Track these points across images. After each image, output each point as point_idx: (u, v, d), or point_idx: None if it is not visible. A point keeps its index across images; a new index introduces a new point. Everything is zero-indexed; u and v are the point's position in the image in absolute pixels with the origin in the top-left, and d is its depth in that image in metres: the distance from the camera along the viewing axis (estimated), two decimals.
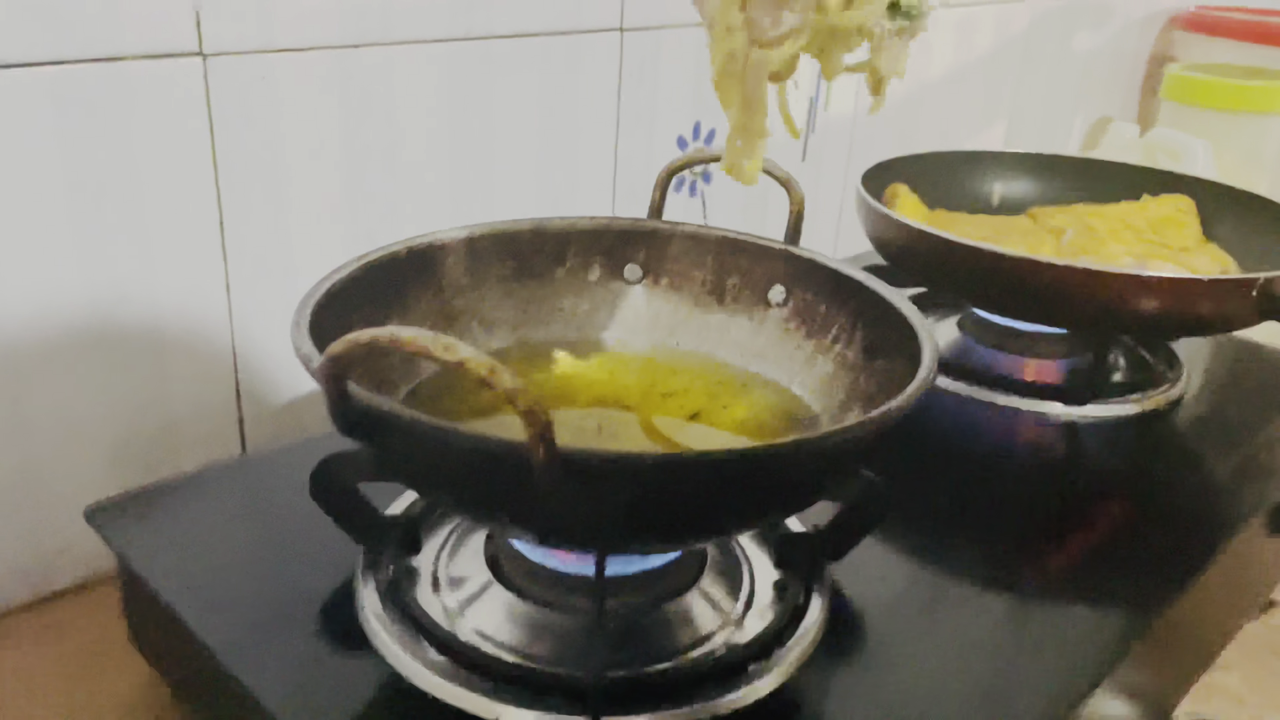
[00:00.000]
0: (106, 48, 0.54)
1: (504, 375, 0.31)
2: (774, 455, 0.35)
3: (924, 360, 0.42)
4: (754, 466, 0.35)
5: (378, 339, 0.32)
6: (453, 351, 0.31)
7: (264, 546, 0.53)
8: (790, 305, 0.56)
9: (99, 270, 0.57)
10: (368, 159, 0.66)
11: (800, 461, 0.36)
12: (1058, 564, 0.57)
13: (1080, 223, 0.83)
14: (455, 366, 0.31)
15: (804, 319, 0.55)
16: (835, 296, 0.53)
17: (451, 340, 0.31)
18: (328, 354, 0.33)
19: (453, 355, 0.31)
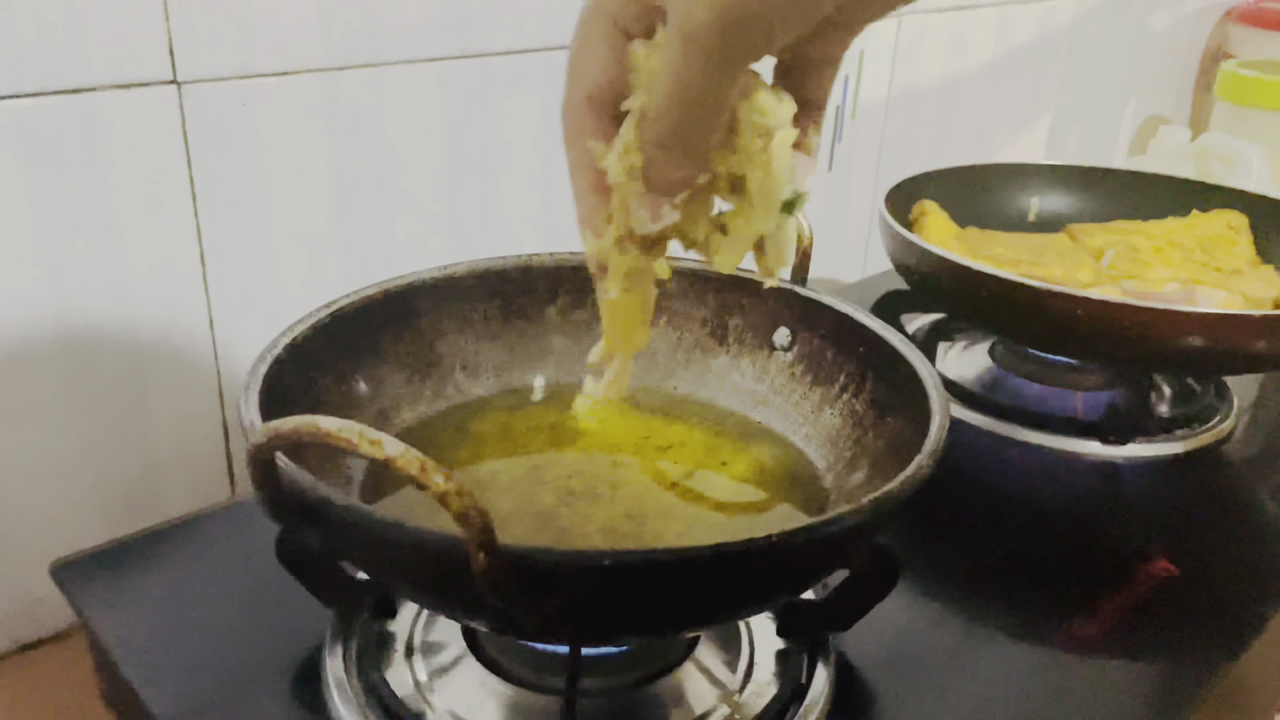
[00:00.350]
0: (73, 78, 0.51)
1: (435, 475, 0.27)
2: (746, 553, 0.31)
3: (930, 434, 0.38)
4: (727, 563, 0.31)
5: (300, 430, 0.28)
6: (379, 448, 0.27)
7: (239, 605, 0.50)
8: (796, 349, 0.51)
9: (74, 309, 0.54)
10: (358, 186, 0.63)
11: (780, 556, 0.32)
12: (1095, 624, 0.52)
13: (1123, 241, 0.77)
14: (384, 464, 0.27)
15: (810, 364, 0.51)
16: (844, 342, 0.49)
17: (379, 435, 0.28)
18: (250, 444, 0.30)
19: (379, 452, 0.27)
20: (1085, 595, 0.53)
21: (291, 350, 0.43)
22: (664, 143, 0.30)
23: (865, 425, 0.47)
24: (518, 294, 0.53)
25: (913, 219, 0.79)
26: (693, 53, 0.28)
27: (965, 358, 0.76)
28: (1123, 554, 0.57)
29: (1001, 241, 0.78)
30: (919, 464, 0.36)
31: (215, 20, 0.55)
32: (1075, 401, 0.70)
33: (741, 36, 0.27)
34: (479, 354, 0.52)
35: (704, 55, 0.28)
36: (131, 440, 0.59)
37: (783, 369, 0.52)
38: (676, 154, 0.31)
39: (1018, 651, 0.50)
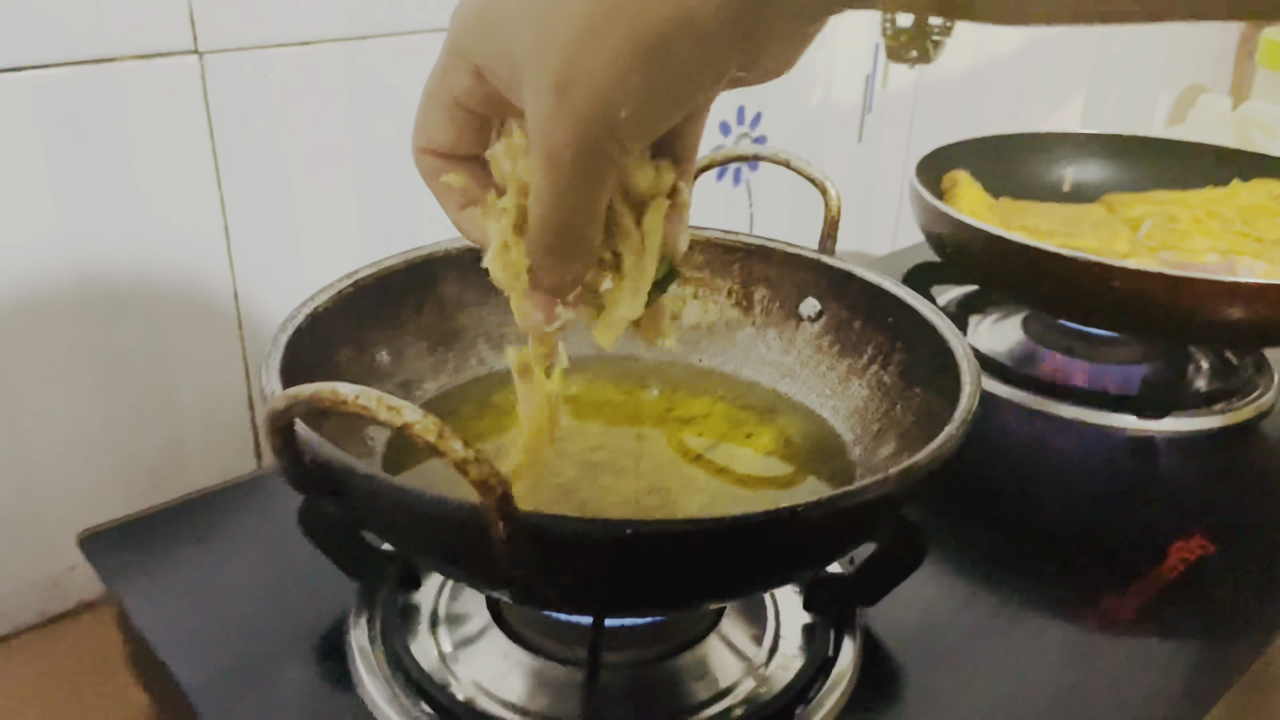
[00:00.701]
0: (95, 49, 0.51)
1: (452, 442, 0.27)
2: (768, 524, 0.30)
3: (960, 404, 0.37)
4: (749, 535, 0.30)
5: (319, 396, 0.28)
6: (397, 414, 0.27)
7: (264, 576, 0.50)
8: (823, 320, 0.50)
9: (96, 283, 0.54)
10: (380, 156, 0.63)
11: (799, 527, 0.31)
12: (1128, 602, 0.51)
13: (1161, 212, 0.75)
14: (401, 431, 0.27)
15: (838, 336, 0.50)
16: (872, 313, 0.48)
17: (398, 402, 0.27)
18: (268, 410, 0.30)
19: (397, 419, 0.27)
20: (1118, 573, 0.52)
21: (313, 320, 0.42)
22: (550, 250, 0.31)
23: (893, 397, 0.46)
24: None
25: (944, 189, 0.77)
26: (560, 171, 0.28)
27: (997, 331, 0.75)
28: (1158, 531, 0.56)
29: (1035, 212, 0.76)
30: (948, 435, 0.35)
31: None
32: (1110, 375, 0.69)
33: (605, 149, 0.28)
34: (501, 325, 0.52)
35: (571, 172, 0.28)
36: (156, 413, 0.59)
37: (809, 340, 0.51)
38: (563, 259, 0.31)
39: (1049, 629, 0.49)
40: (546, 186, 0.29)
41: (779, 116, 0.86)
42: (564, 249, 0.31)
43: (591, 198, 0.29)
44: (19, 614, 0.57)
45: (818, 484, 0.45)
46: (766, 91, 0.84)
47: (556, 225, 0.30)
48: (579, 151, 0.27)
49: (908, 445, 0.43)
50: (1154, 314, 0.57)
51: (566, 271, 0.31)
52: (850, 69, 0.90)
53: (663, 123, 0.28)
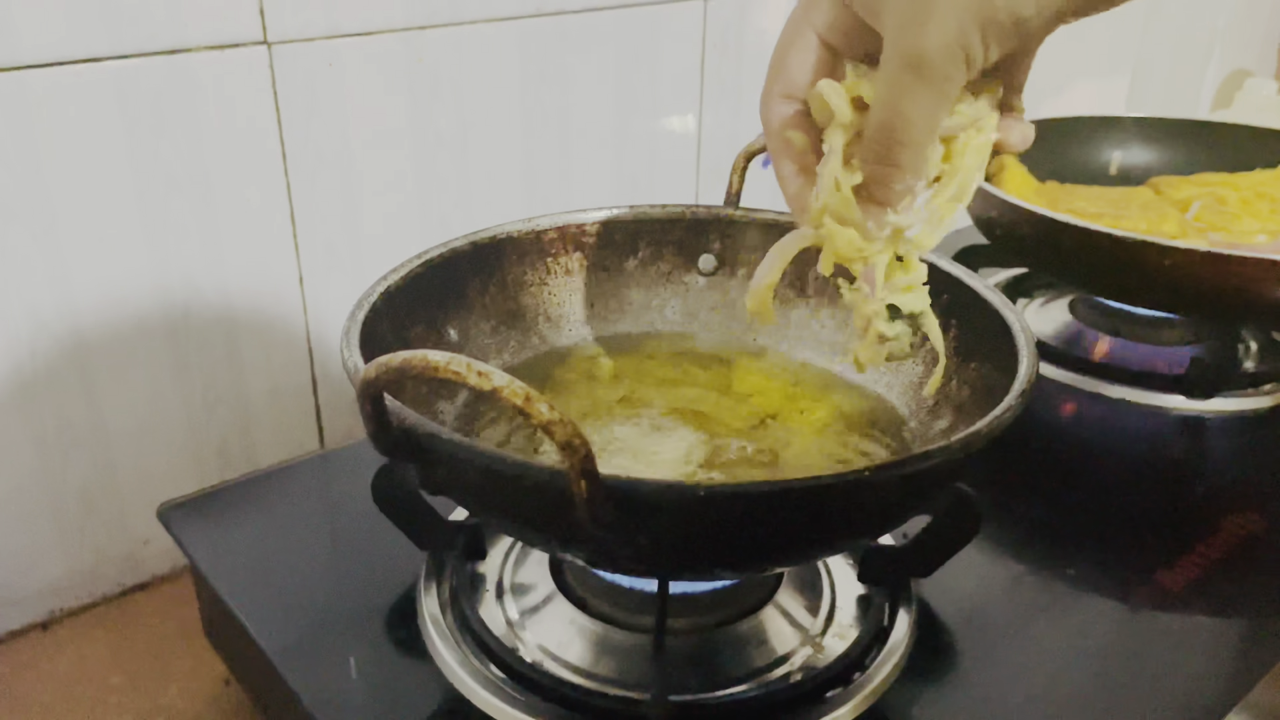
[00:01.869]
0: (170, 40, 0.53)
1: (539, 405, 0.28)
2: (835, 487, 0.31)
3: (1020, 373, 0.38)
4: (816, 497, 0.32)
5: (410, 363, 0.30)
6: (486, 379, 0.28)
7: (334, 547, 0.52)
8: None
9: (170, 264, 0.57)
10: (439, 143, 0.64)
11: (866, 492, 0.32)
12: (1179, 579, 0.52)
13: (1209, 194, 0.75)
14: (490, 394, 0.28)
15: None
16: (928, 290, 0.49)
17: (486, 367, 0.29)
18: (361, 378, 0.31)
19: (487, 383, 0.28)
20: (1169, 550, 0.53)
21: (387, 298, 0.44)
22: (886, 157, 0.33)
23: (948, 373, 0.47)
24: (598, 247, 0.54)
25: (990, 174, 0.78)
26: (916, 75, 0.30)
27: (1045, 314, 0.75)
28: (1207, 509, 0.56)
29: (1082, 195, 0.77)
30: (1008, 404, 0.36)
31: None
32: (1158, 356, 0.69)
33: (960, 61, 0.30)
34: (561, 305, 0.53)
35: (925, 79, 0.30)
36: (227, 395, 0.61)
37: None
38: (898, 167, 0.33)
39: (1100, 604, 0.49)
40: (898, 92, 0.31)
41: None
42: (901, 156, 0.32)
43: (936, 105, 0.31)
44: (100, 585, 0.60)
45: (875, 454, 0.46)
46: None
47: (899, 131, 0.32)
48: (937, 58, 0.29)
49: (964, 418, 0.44)
50: (1204, 294, 0.58)
51: (899, 180, 0.33)
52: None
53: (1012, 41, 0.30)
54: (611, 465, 0.44)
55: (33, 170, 0.50)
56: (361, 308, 0.42)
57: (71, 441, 0.56)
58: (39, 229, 0.52)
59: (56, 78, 0.50)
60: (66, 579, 0.58)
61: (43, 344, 0.53)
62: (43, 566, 0.57)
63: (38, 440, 0.55)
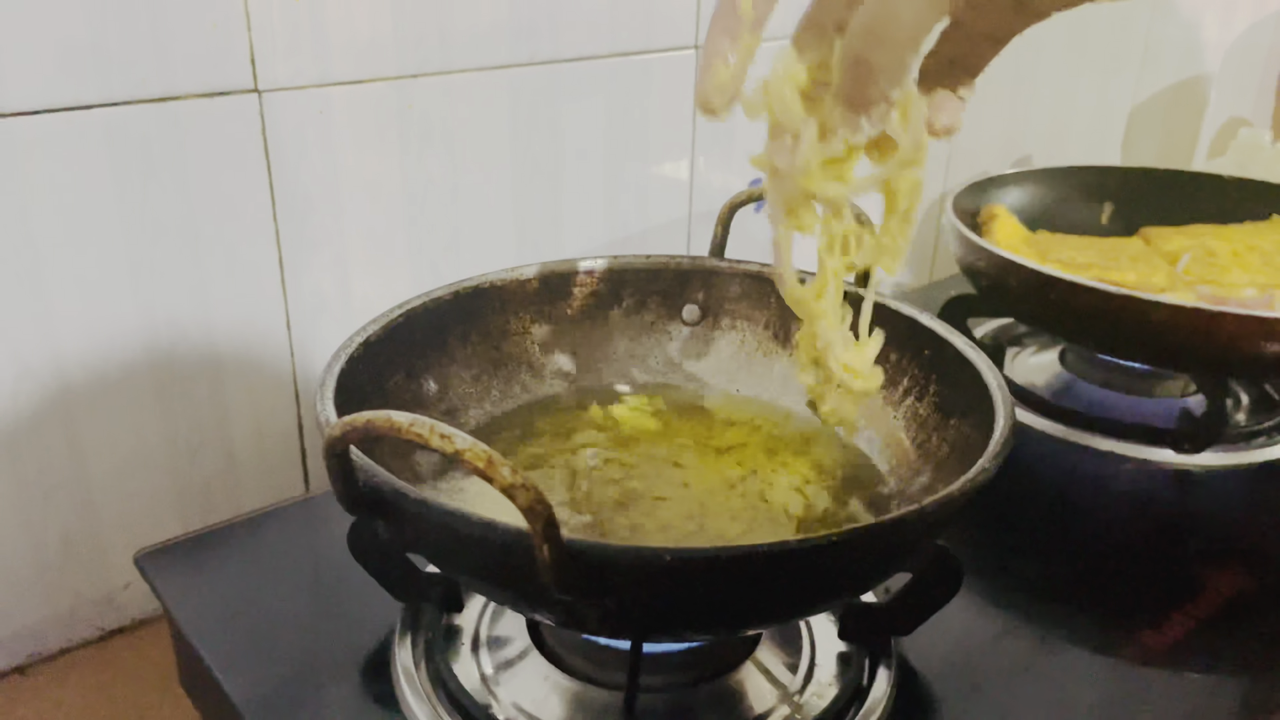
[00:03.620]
0: (160, 88, 0.54)
1: (501, 469, 0.28)
2: (805, 552, 0.31)
3: (995, 435, 0.38)
4: (787, 562, 0.31)
5: (374, 423, 0.29)
6: (449, 442, 0.28)
7: (312, 595, 0.52)
8: None
9: (156, 308, 0.57)
10: (429, 190, 0.65)
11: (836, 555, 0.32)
12: (1167, 636, 0.51)
13: (1199, 245, 0.75)
14: (452, 457, 0.28)
15: None
16: (908, 345, 0.49)
17: (450, 430, 0.28)
18: (326, 437, 0.31)
19: (449, 446, 0.28)
20: (1157, 606, 0.52)
21: (365, 348, 0.44)
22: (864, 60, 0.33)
23: (929, 429, 0.47)
24: (582, 296, 0.54)
25: (981, 222, 0.78)
26: None
27: (1034, 363, 0.75)
28: (1195, 566, 0.56)
29: (1072, 245, 0.77)
30: (981, 467, 0.36)
31: (295, 30, 0.57)
32: (1148, 408, 0.69)
33: None
34: (544, 355, 0.53)
35: None
36: (211, 438, 0.61)
37: None
38: (875, 70, 0.33)
39: (1086, 661, 0.49)
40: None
41: None
42: (880, 57, 0.32)
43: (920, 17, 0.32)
44: (78, 630, 0.59)
45: (853, 513, 0.46)
46: None
47: (886, 29, 0.32)
48: None
49: (943, 476, 0.43)
50: (1192, 349, 0.58)
51: (874, 84, 0.33)
52: None
53: None
54: (585, 522, 0.44)
55: (18, 215, 0.51)
56: (338, 359, 0.42)
57: (53, 484, 0.56)
58: (24, 273, 0.52)
59: (45, 124, 0.50)
60: (44, 623, 0.58)
61: (26, 387, 0.53)
62: (21, 610, 0.57)
63: (19, 483, 0.55)
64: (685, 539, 0.43)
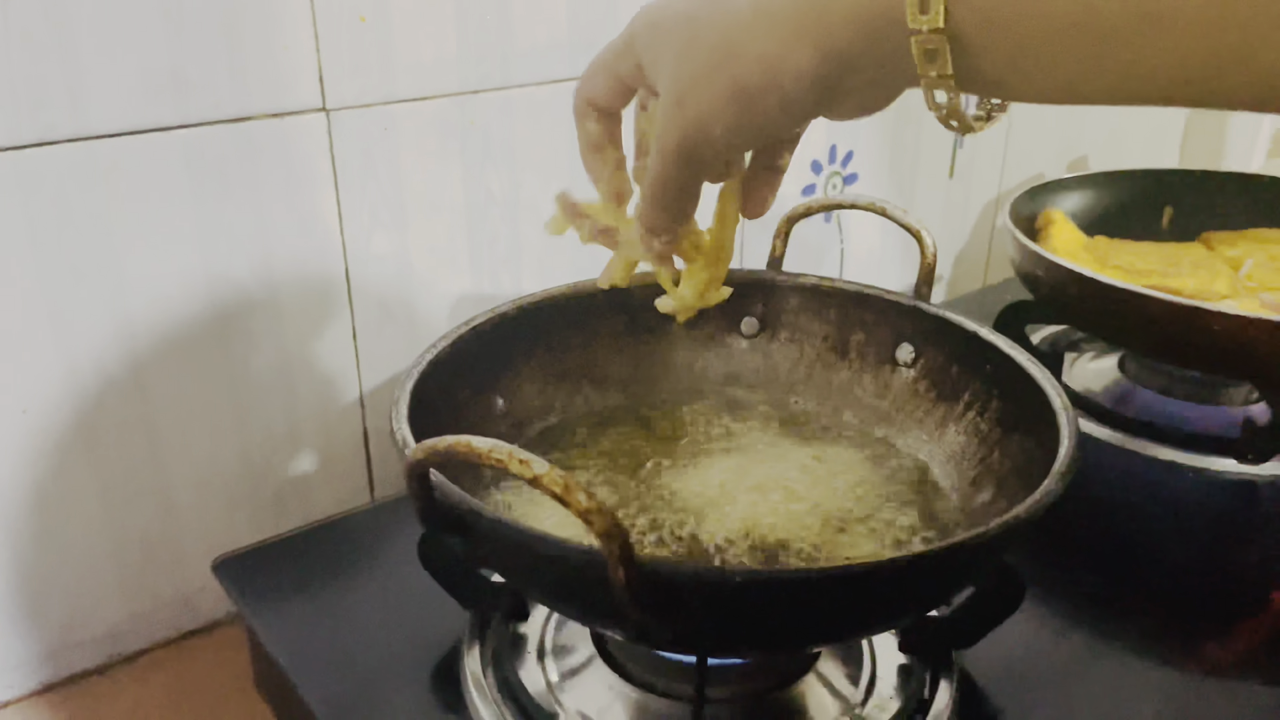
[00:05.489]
0: (234, 109, 0.55)
1: (578, 494, 0.29)
2: (873, 574, 0.32)
3: (1060, 455, 0.38)
4: (854, 584, 0.32)
5: (455, 448, 0.31)
6: (528, 467, 0.29)
7: (381, 602, 0.54)
8: (920, 365, 0.52)
9: (232, 323, 0.59)
10: (490, 203, 0.66)
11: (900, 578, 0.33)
12: (1228, 648, 0.51)
13: (1262, 250, 0.74)
14: (530, 482, 0.29)
15: (934, 381, 0.51)
16: (968, 359, 0.49)
17: (528, 455, 0.29)
18: (408, 460, 0.32)
19: (527, 471, 0.29)
20: (1219, 619, 0.52)
21: (434, 366, 0.45)
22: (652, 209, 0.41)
23: (990, 444, 0.47)
24: (642, 310, 0.55)
25: (1038, 228, 0.78)
26: (667, 160, 0.38)
27: (1093, 369, 0.75)
28: (1259, 577, 0.56)
29: (1132, 251, 0.76)
30: (1047, 489, 0.36)
31: (361, 50, 0.58)
32: (1210, 416, 0.68)
33: (700, 153, 0.37)
34: (606, 367, 0.54)
35: (675, 163, 0.38)
36: (283, 447, 0.63)
37: (905, 385, 0.52)
38: (663, 216, 0.41)
39: (1146, 673, 0.49)
40: (657, 168, 0.39)
41: (870, 154, 0.87)
42: (664, 209, 0.41)
43: (687, 182, 0.39)
44: (156, 630, 0.61)
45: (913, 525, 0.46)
46: (858, 130, 0.86)
47: (659, 195, 0.40)
48: (681, 150, 0.37)
49: (1005, 493, 0.44)
50: (1255, 359, 0.57)
51: (662, 222, 0.41)
52: None
53: (747, 145, 0.39)
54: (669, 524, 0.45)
55: (103, 232, 0.53)
56: (410, 377, 0.43)
57: (135, 490, 0.58)
58: (107, 289, 0.54)
59: (126, 146, 0.52)
60: (126, 623, 0.60)
61: (110, 399, 0.56)
62: (103, 610, 0.59)
63: (103, 488, 0.57)
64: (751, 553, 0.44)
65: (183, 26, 0.52)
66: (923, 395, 0.51)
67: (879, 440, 0.52)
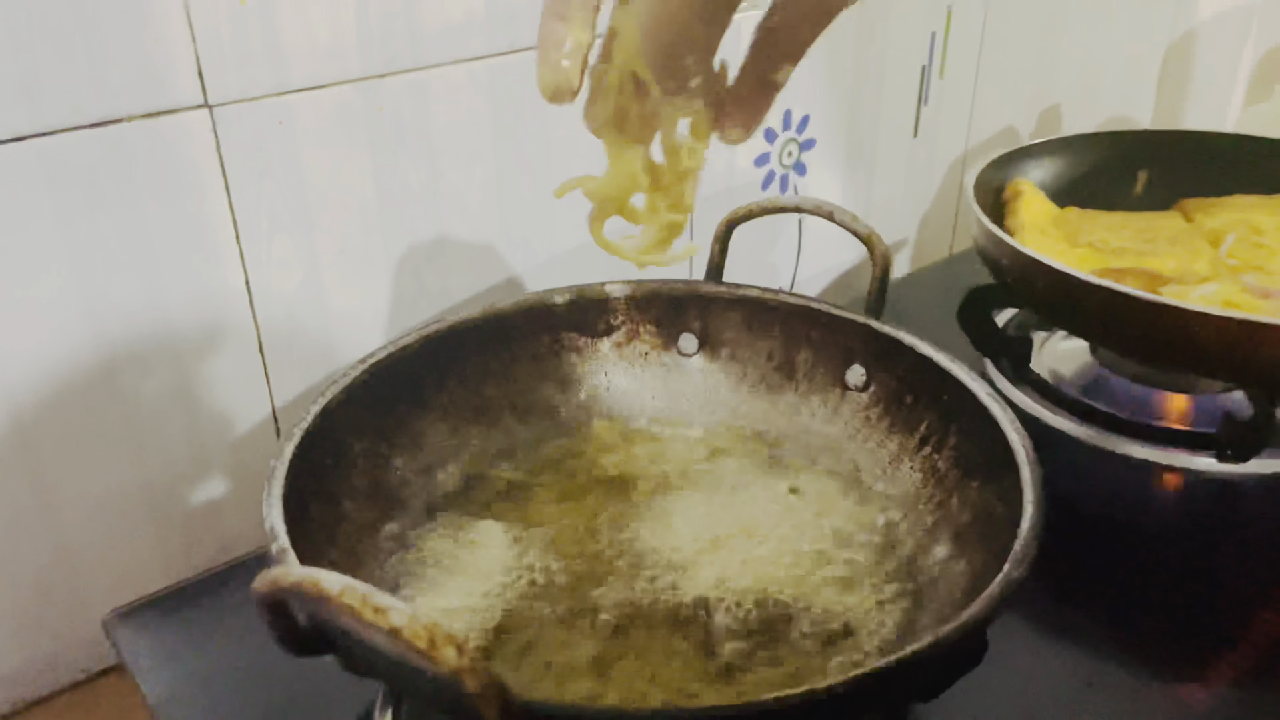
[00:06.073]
0: (98, 112, 0.49)
1: (447, 650, 0.24)
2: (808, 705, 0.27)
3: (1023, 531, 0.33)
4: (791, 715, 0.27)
5: (302, 586, 0.26)
6: (384, 616, 0.24)
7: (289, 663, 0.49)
8: (872, 390, 0.47)
9: (118, 346, 0.53)
10: (406, 198, 0.60)
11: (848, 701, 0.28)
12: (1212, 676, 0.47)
13: (1244, 222, 0.69)
14: (389, 636, 0.24)
15: (888, 408, 0.46)
16: (924, 387, 0.45)
17: (386, 602, 0.24)
18: (254, 591, 0.27)
19: (384, 621, 0.24)
20: (1199, 639, 0.49)
21: (324, 417, 0.40)
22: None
23: (948, 487, 0.42)
24: (567, 327, 0.49)
25: (1005, 200, 0.72)
26: None
27: (1064, 351, 0.70)
28: (1242, 590, 0.52)
29: (1105, 224, 0.71)
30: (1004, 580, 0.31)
31: (245, 38, 0.51)
32: (1188, 408, 0.64)
33: None
34: (531, 393, 0.49)
35: None
36: (187, 475, 0.58)
37: (857, 411, 0.47)
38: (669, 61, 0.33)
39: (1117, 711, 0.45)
40: None
41: (828, 117, 0.81)
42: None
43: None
44: (62, 674, 0.57)
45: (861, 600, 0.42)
46: (814, 92, 0.79)
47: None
48: None
49: (963, 550, 0.39)
50: (1238, 360, 0.53)
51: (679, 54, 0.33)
52: (903, 62, 0.85)
53: None
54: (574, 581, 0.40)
55: None
56: (290, 438, 0.38)
57: (23, 534, 0.53)
58: None
59: None
60: (25, 669, 0.56)
61: None
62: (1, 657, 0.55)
63: None
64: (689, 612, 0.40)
65: (28, 26, 0.46)
66: (876, 424, 0.47)
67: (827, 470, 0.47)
